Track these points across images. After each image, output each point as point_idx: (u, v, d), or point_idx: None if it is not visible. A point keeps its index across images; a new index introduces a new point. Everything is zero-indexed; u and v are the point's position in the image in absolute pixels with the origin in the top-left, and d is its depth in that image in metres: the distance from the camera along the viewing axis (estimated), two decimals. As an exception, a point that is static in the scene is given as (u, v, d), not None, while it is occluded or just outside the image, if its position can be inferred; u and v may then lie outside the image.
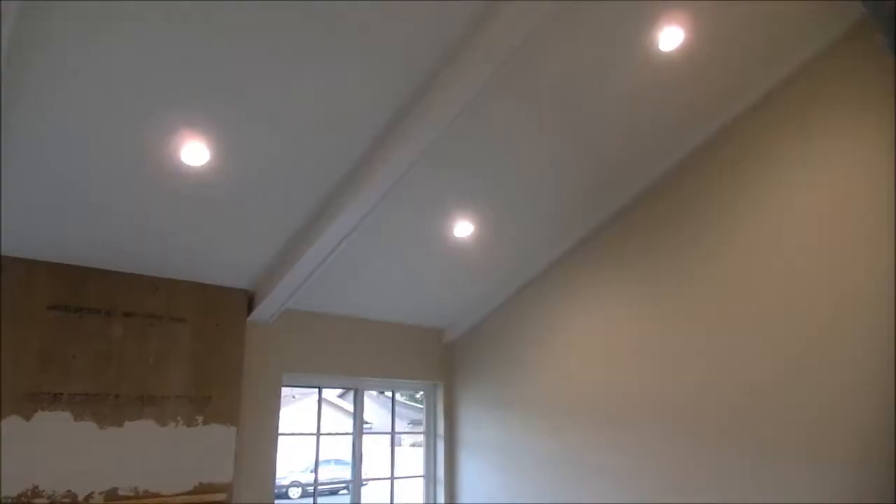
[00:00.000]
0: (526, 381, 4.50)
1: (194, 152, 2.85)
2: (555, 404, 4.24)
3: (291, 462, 3.51)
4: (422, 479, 5.00)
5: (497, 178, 3.54)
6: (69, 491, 3.10)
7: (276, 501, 3.96)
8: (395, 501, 4.83)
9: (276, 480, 4.00)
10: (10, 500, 2.92)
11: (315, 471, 4.53)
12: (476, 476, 4.72)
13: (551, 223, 4.12)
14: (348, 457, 4.63)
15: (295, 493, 12.36)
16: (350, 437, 4.70)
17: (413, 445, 13.23)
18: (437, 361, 5.12)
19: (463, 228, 3.93)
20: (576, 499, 3.95)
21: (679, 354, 3.53)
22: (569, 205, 3.95)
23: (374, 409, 13.69)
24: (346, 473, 11.60)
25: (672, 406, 3.52)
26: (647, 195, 3.83)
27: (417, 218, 3.70)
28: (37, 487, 3.02)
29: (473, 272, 4.47)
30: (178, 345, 3.60)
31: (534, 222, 4.06)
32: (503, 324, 4.77)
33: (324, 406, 4.79)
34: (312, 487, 4.67)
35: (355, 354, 4.61)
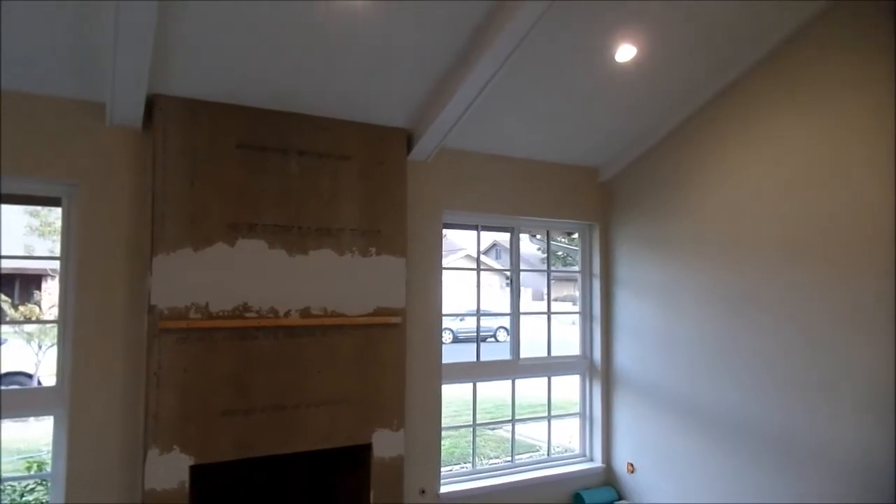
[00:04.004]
0: (688, 218, 4.28)
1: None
2: (721, 241, 4.03)
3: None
4: (577, 315, 5.12)
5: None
6: (272, 308, 3.55)
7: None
8: (551, 336, 5.04)
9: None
10: (227, 313, 3.42)
11: (477, 306, 4.79)
12: (634, 314, 4.73)
13: (723, 44, 3.66)
14: (494, 308, 4.81)
15: (447, 338, 13.48)
16: (500, 281, 4.86)
17: (556, 300, 13.57)
18: (592, 201, 5.00)
19: (625, 52, 3.62)
20: (743, 339, 3.84)
21: (872, 184, 3.14)
22: (745, 22, 3.48)
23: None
24: (492, 322, 12.26)
25: (859, 240, 3.20)
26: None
27: (574, 40, 3.45)
28: (246, 303, 3.49)
29: (634, 103, 4.17)
30: (347, 181, 3.82)
31: (703, 42, 3.63)
32: (664, 160, 4.50)
33: (470, 261, 4.99)
34: (463, 333, 4.98)
35: (510, 194, 4.62)
